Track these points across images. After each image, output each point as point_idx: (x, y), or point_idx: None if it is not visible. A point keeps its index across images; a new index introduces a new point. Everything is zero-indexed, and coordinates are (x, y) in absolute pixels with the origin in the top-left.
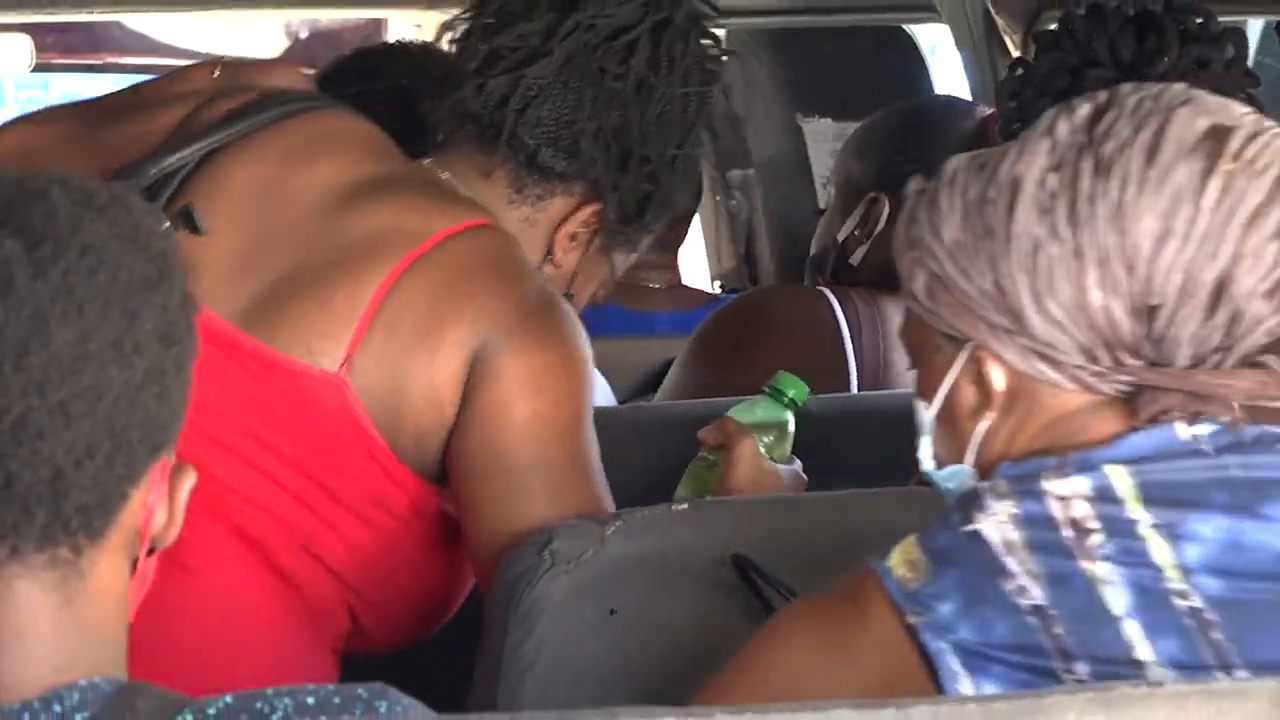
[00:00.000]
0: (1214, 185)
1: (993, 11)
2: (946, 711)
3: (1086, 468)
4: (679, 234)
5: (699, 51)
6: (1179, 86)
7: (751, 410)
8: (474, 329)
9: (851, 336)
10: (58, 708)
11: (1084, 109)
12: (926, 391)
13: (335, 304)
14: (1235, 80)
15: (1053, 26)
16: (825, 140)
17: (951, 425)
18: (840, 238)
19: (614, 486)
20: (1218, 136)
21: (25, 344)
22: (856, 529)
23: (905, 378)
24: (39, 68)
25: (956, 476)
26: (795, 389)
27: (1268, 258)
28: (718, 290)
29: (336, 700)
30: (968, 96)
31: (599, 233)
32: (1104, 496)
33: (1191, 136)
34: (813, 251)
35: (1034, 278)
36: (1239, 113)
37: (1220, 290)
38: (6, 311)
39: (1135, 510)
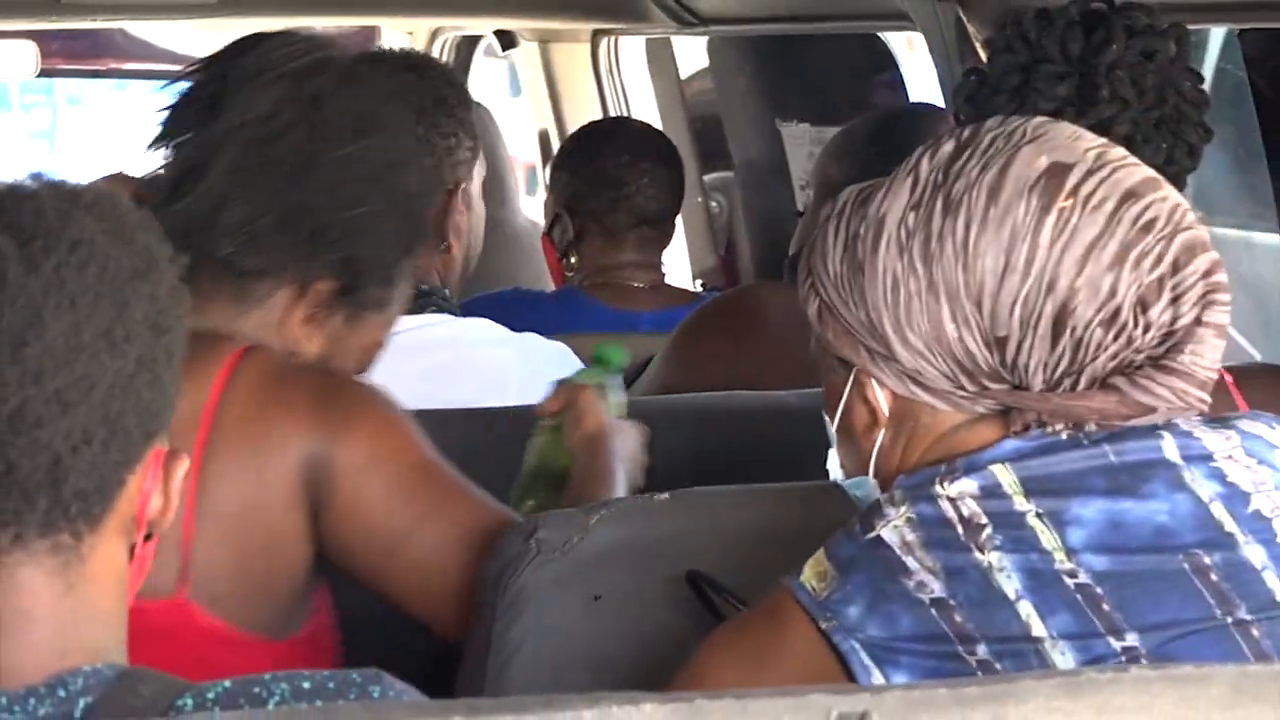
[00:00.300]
0: (1049, 222)
1: (964, 20)
2: (918, 696)
3: (973, 469)
4: (664, 235)
5: (355, 108)
6: (1036, 121)
7: (577, 377)
8: (291, 453)
9: None
10: (62, 692)
11: (947, 146)
12: (829, 408)
13: None
14: (1181, 74)
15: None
16: (803, 144)
17: (851, 440)
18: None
19: None
20: (1056, 174)
21: (21, 336)
22: (839, 519)
23: None
24: (44, 73)
25: (862, 486)
26: (616, 355)
27: (1103, 289)
28: (699, 289)
29: (331, 685)
30: (941, 102)
31: (333, 306)
32: (991, 493)
33: (1031, 175)
34: (792, 251)
35: (895, 311)
36: (1083, 148)
37: (1060, 321)
38: (1, 305)
39: (1020, 502)
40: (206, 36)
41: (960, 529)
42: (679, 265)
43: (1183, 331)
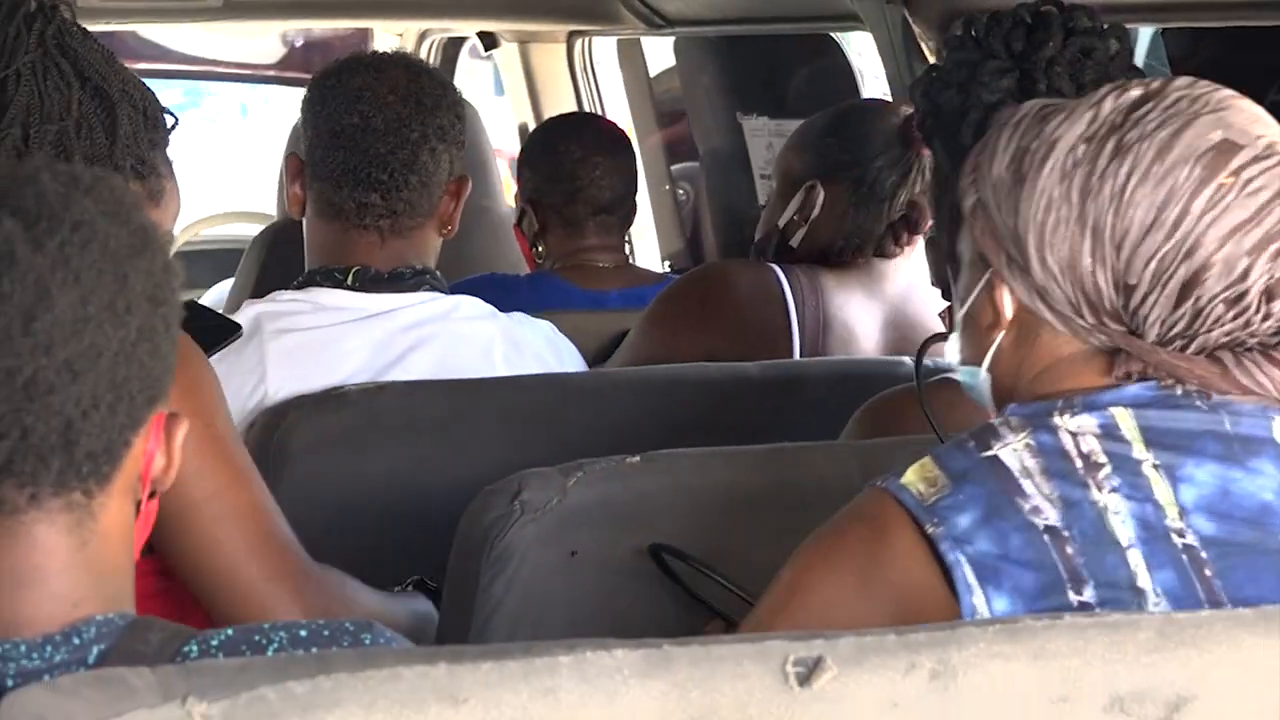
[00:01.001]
0: (1205, 193)
1: (910, 21)
2: (869, 642)
3: (1093, 408)
4: (623, 220)
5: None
6: (1223, 93)
7: None
8: None
9: (795, 306)
10: (76, 640)
11: (1134, 93)
12: (958, 298)
13: None
14: (1121, 71)
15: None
16: (762, 136)
17: (972, 332)
18: (781, 223)
19: (578, 444)
20: (1225, 151)
21: (31, 311)
22: (793, 480)
23: (842, 345)
24: None
25: (974, 375)
26: None
27: (1237, 270)
28: (667, 269)
29: (326, 633)
30: (890, 96)
31: None
32: (1110, 434)
33: (1201, 145)
34: (756, 238)
35: (1041, 231)
36: (1257, 133)
37: (1189, 286)
38: (11, 282)
39: (1139, 450)
40: (211, 39)
41: (1079, 463)
42: (649, 248)
43: None
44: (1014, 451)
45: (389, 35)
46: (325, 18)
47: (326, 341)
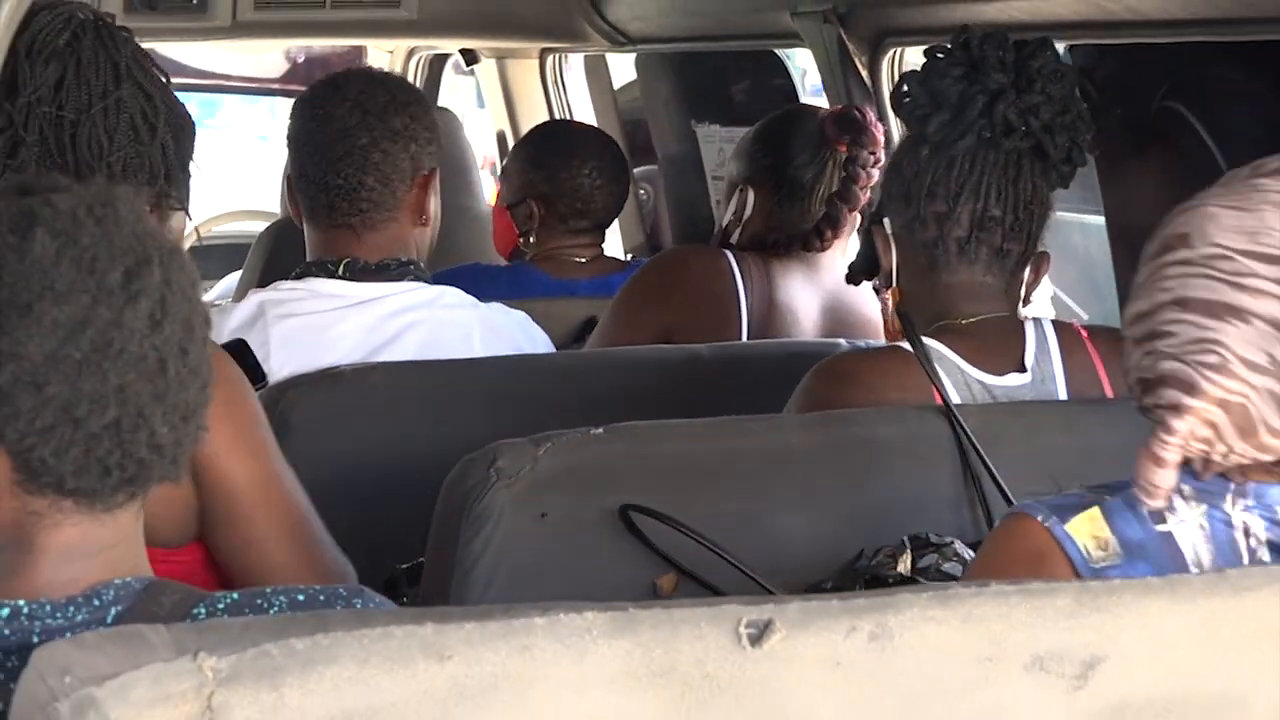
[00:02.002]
0: None
1: (845, 39)
2: (815, 606)
3: (1261, 498)
4: (609, 224)
5: None
6: None
7: None
8: None
9: (744, 288)
10: (96, 602)
11: None
12: None
13: None
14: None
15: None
16: (714, 142)
17: None
18: (724, 223)
19: (548, 418)
20: None
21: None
22: (738, 447)
23: (785, 326)
24: None
25: None
26: None
27: None
28: (628, 259)
29: (322, 598)
30: (826, 104)
31: None
32: (1275, 524)
33: None
34: (725, 224)
35: None
36: None
37: None
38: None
39: None
40: (218, 55)
41: (1246, 560)
42: (613, 242)
43: None
44: (1188, 532)
45: (381, 52)
46: (323, 36)
47: (323, 325)
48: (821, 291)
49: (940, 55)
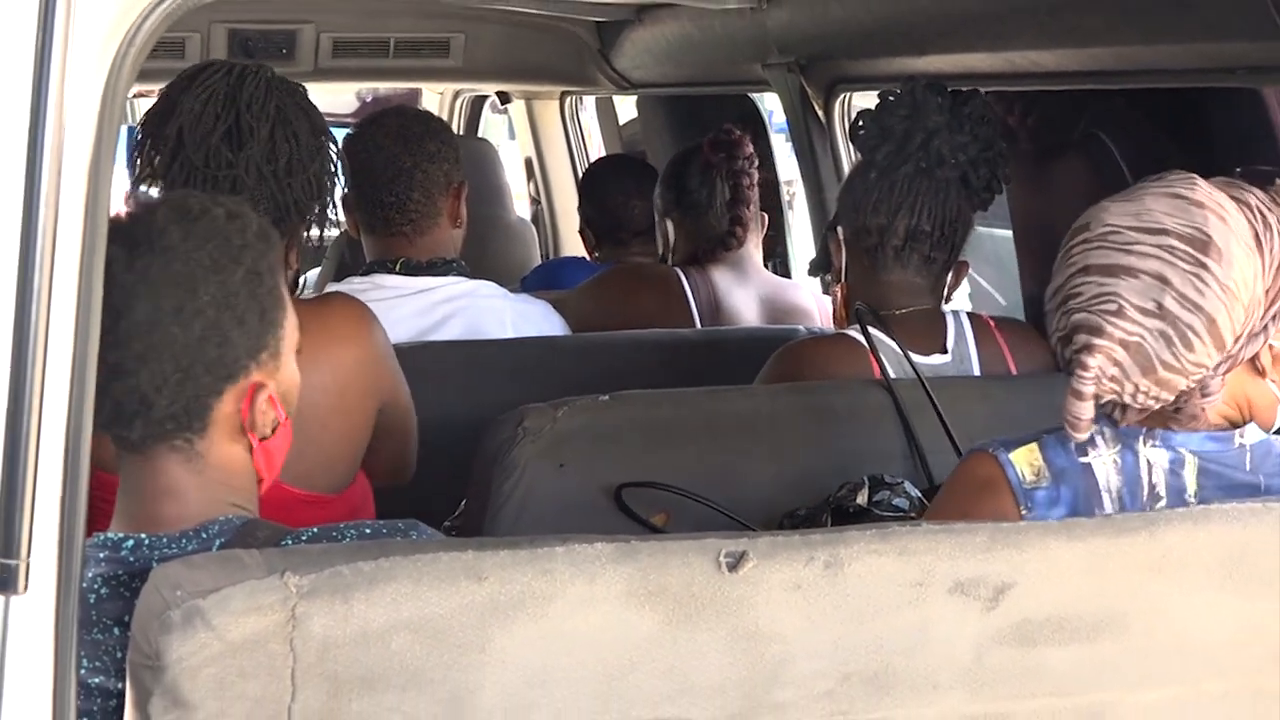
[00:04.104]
0: None
1: (805, 86)
2: (781, 541)
3: (1169, 444)
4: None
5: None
6: None
7: None
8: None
9: (692, 292)
10: (204, 535)
11: None
12: None
13: None
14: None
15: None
16: None
17: None
18: (660, 252)
19: (567, 389)
20: None
21: (118, 314)
22: (718, 412)
23: (728, 320)
24: None
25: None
26: None
27: None
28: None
29: (385, 531)
30: (790, 139)
31: None
32: (1175, 471)
33: None
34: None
35: None
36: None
37: None
38: (109, 293)
39: (1191, 490)
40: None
41: (1145, 492)
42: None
43: None
44: (1103, 464)
45: (433, 93)
46: (387, 80)
47: (385, 311)
48: (756, 288)
49: (891, 98)
